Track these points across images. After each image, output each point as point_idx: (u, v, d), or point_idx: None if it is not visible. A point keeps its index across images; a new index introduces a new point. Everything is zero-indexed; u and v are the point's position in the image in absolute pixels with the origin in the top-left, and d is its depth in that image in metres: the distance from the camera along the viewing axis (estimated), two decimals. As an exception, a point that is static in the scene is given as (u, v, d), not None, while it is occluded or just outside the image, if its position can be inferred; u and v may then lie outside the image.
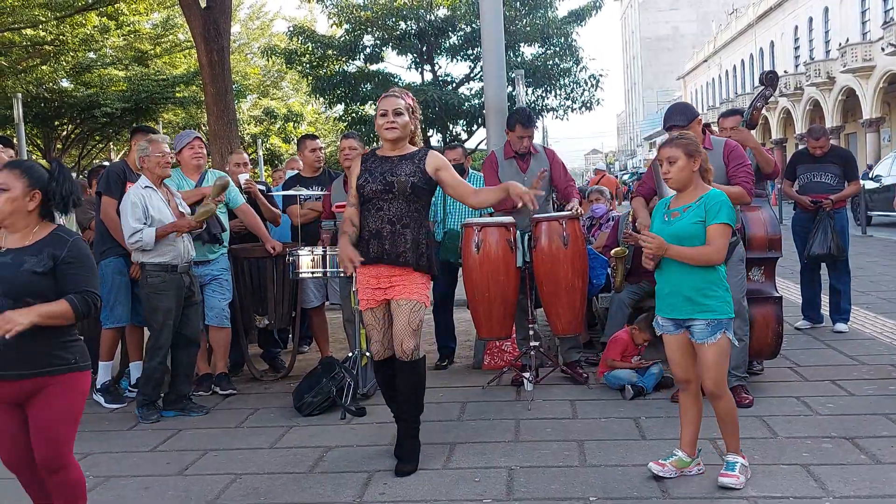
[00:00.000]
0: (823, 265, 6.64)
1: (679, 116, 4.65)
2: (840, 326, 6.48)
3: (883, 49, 29.03)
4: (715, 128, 6.07)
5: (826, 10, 36.16)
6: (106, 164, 9.49)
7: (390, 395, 4.09)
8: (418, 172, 3.86)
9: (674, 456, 3.57)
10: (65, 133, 24.04)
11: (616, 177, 30.26)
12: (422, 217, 3.94)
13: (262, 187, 6.38)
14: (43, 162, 4.48)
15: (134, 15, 20.13)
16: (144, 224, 4.88)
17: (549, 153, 5.61)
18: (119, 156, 26.39)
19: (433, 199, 4.26)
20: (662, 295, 3.56)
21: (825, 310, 6.74)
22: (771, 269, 5.07)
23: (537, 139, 5.91)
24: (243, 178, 6.07)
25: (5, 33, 18.25)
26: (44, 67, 20.09)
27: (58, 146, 24.16)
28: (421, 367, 3.95)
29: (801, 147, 7.63)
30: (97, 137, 25.32)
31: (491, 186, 3.96)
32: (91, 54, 21.47)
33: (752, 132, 5.97)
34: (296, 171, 7.38)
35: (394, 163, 3.91)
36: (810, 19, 38.04)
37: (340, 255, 3.92)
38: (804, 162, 6.71)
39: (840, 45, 32.57)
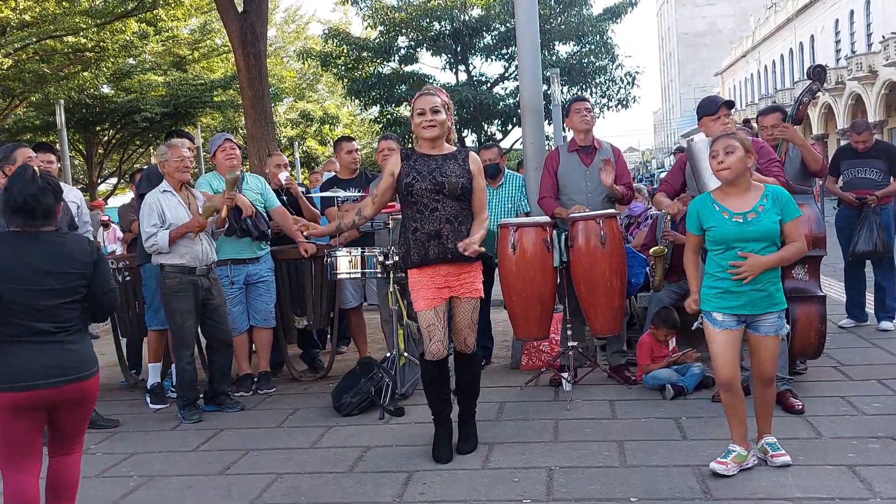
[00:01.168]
0: (868, 262, 6.50)
1: (709, 105, 4.73)
2: (885, 324, 6.35)
3: (927, 41, 28.34)
4: (754, 124, 5.99)
5: (868, 2, 35.37)
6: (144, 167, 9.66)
7: (437, 397, 4.07)
8: (466, 174, 3.94)
9: (732, 452, 3.54)
10: (106, 138, 24.47)
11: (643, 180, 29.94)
12: (470, 213, 4.02)
13: (301, 189, 6.45)
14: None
15: (172, 21, 20.41)
16: (161, 228, 4.98)
17: (614, 149, 5.58)
18: (159, 160, 26.69)
19: None
20: (741, 291, 3.45)
21: (870, 308, 6.61)
22: (815, 268, 4.98)
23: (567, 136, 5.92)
24: (283, 176, 6.15)
25: (47, 41, 18.63)
26: (85, 74, 20.45)
27: (99, 151, 24.62)
28: (479, 358, 4.25)
29: (843, 142, 7.50)
30: (137, 142, 25.73)
31: (480, 225, 4.00)
32: (131, 60, 21.82)
33: (797, 128, 5.87)
34: (333, 173, 7.45)
35: (439, 162, 3.94)
36: (851, 12, 37.26)
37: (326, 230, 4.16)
38: (848, 157, 6.58)
39: (883, 38, 31.81)
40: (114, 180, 28.64)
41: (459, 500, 3.48)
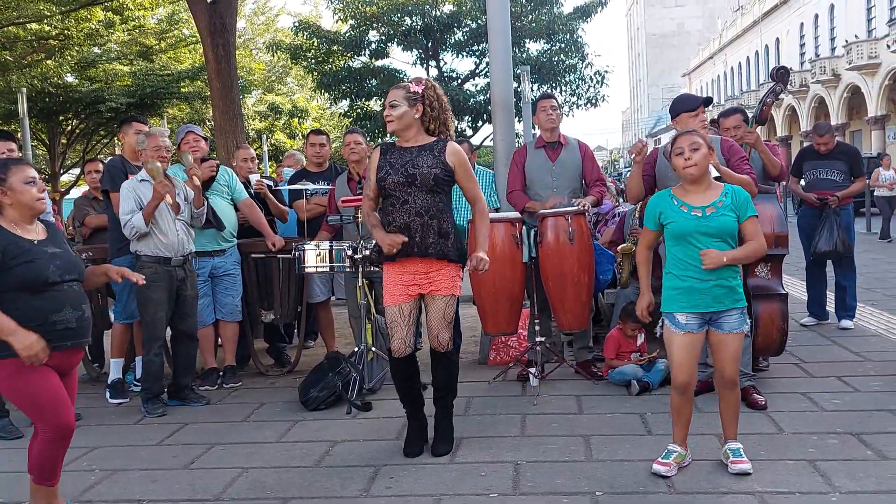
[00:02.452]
0: (829, 262, 6.62)
1: (689, 101, 4.79)
2: (845, 323, 6.48)
3: (888, 46, 28.89)
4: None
5: (832, 7, 36.01)
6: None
7: (407, 393, 4.06)
8: (439, 164, 3.85)
9: (673, 453, 3.58)
10: (69, 128, 24.01)
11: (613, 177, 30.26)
12: (447, 207, 3.94)
13: (269, 182, 6.40)
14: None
15: (139, 10, 20.10)
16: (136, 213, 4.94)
17: (581, 146, 5.60)
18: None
19: None
20: (703, 290, 3.46)
21: (830, 307, 6.74)
22: (778, 266, 5.06)
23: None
24: (254, 178, 6.09)
25: (10, 27, 18.24)
26: (48, 62, 20.07)
27: (62, 141, 24.15)
28: (454, 356, 4.12)
29: (806, 144, 7.63)
30: (102, 132, 25.27)
31: (483, 231, 3.98)
32: (96, 49, 21.44)
33: (761, 128, 5.96)
34: (292, 168, 7.47)
35: (413, 154, 3.89)
36: (816, 16, 37.89)
37: (382, 241, 3.82)
38: (810, 159, 6.70)
39: (846, 42, 32.43)
40: (77, 170, 28.13)
41: (426, 495, 3.49)
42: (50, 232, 3.36)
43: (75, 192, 24.82)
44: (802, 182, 6.75)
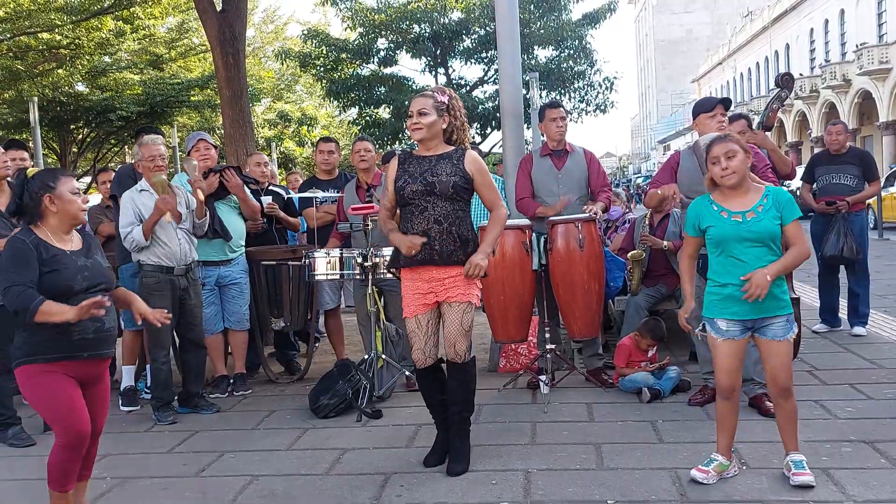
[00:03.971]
0: (843, 269, 6.58)
1: (706, 103, 4.82)
2: (858, 330, 6.43)
3: (899, 51, 28.81)
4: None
5: (842, 11, 35.92)
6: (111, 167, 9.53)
7: (434, 403, 4.01)
8: (458, 172, 3.82)
9: (714, 461, 3.52)
10: (80, 137, 24.15)
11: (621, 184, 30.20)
12: (466, 215, 3.90)
13: (282, 190, 6.43)
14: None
15: (149, 19, 20.24)
16: (136, 225, 4.95)
17: (587, 154, 5.59)
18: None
19: None
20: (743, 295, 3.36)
21: (843, 313, 6.69)
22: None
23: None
24: (266, 200, 6.05)
25: (21, 37, 18.38)
26: (59, 71, 20.20)
27: (73, 150, 24.29)
28: (472, 368, 3.94)
29: (817, 150, 7.59)
30: (113, 141, 25.42)
31: (493, 228, 3.95)
32: (106, 58, 21.57)
33: (768, 134, 5.94)
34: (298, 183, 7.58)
35: (432, 163, 3.86)
36: (826, 21, 37.80)
37: (401, 243, 3.80)
38: (823, 164, 6.66)
39: (857, 46, 32.31)
40: (87, 179, 28.31)
41: (437, 503, 3.47)
42: (85, 242, 3.39)
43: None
44: (815, 187, 6.71)
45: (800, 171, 7.76)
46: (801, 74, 37.44)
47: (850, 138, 6.76)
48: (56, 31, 18.40)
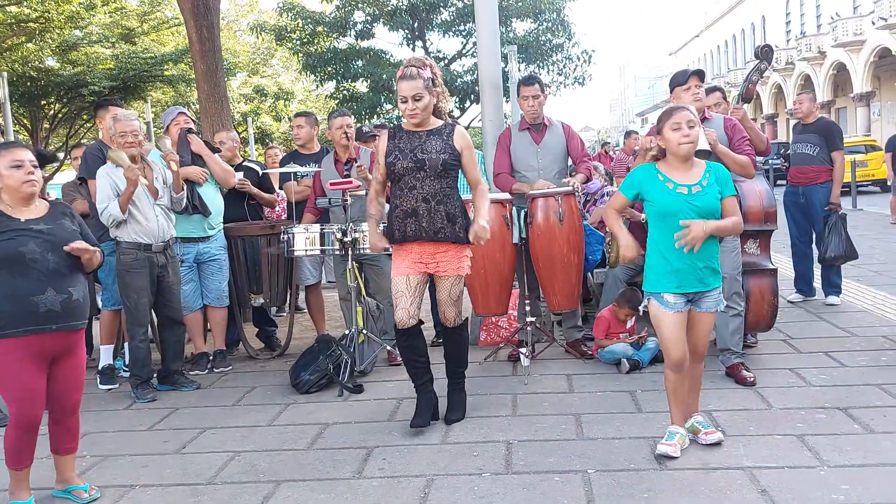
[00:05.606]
0: (813, 238, 6.67)
1: (680, 76, 4.82)
2: (832, 299, 6.53)
3: (874, 23, 28.91)
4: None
5: (817, -17, 35.97)
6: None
7: (414, 365, 4.13)
8: (448, 148, 3.92)
9: (676, 434, 3.55)
10: (52, 112, 23.74)
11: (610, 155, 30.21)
12: (454, 191, 3.99)
13: (257, 167, 6.35)
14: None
15: (120, -9, 19.87)
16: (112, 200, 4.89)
17: (564, 127, 5.59)
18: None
19: None
20: (693, 270, 3.42)
21: (817, 283, 6.79)
22: (766, 242, 5.09)
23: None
24: (238, 175, 5.98)
25: (-11, 11, 18.00)
26: (29, 45, 19.78)
27: (45, 126, 23.88)
28: (464, 330, 4.24)
29: (793, 122, 7.64)
30: (85, 116, 24.98)
31: (482, 200, 4.02)
32: (77, 32, 21.13)
33: (746, 107, 5.97)
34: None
35: (422, 139, 3.93)
36: (801, -7, 37.85)
37: (370, 240, 4.11)
38: (796, 133, 6.79)
39: (831, 18, 32.43)
40: (60, 155, 27.88)
41: (419, 475, 3.50)
42: (52, 210, 3.38)
43: (59, 177, 24.61)
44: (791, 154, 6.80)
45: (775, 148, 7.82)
46: (776, 46, 37.48)
47: (816, 107, 6.80)
48: (24, 3, 17.99)
